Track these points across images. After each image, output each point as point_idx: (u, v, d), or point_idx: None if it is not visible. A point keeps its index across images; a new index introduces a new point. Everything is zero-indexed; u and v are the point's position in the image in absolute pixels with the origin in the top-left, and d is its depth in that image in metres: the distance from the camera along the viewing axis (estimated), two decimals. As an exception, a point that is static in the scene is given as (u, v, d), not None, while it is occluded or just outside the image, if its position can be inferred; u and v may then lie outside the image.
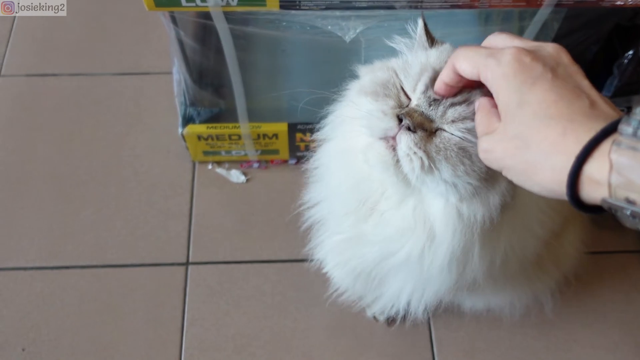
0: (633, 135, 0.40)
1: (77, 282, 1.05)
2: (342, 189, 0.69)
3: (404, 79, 0.58)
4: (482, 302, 0.93)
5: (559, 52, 0.48)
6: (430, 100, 0.55)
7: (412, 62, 0.60)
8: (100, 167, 1.17)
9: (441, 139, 0.55)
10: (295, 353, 0.99)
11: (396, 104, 0.57)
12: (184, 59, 0.93)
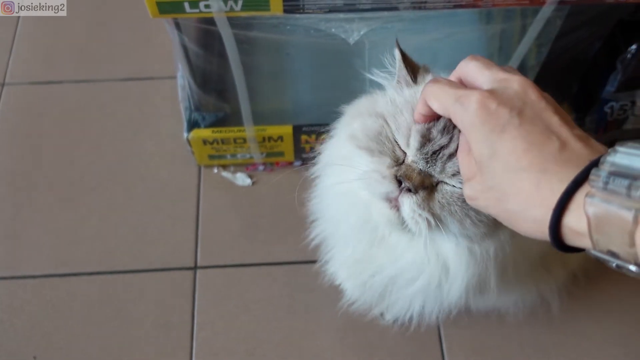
0: (604, 189, 0.38)
1: (86, 289, 1.05)
2: (348, 226, 0.69)
3: (396, 132, 0.57)
4: (490, 302, 0.94)
5: (526, 88, 0.46)
6: (427, 156, 0.54)
7: (399, 106, 0.58)
8: (107, 173, 1.17)
9: (443, 194, 0.55)
10: (307, 355, 1.00)
11: (392, 161, 0.57)
12: (188, 64, 0.93)
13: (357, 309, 0.87)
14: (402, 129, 0.56)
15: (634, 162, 0.38)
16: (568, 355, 1.00)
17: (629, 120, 1.05)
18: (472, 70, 0.50)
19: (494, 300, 0.91)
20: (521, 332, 1.02)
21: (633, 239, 0.37)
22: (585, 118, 1.06)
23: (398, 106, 0.58)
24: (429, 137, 0.54)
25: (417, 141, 0.54)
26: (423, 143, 0.54)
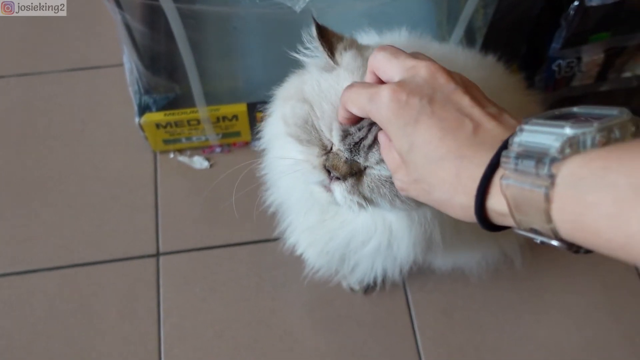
0: (515, 170, 0.39)
1: (46, 284, 1.02)
2: (297, 198, 0.71)
3: (321, 120, 0.57)
4: (450, 260, 0.95)
5: (434, 73, 0.46)
6: (350, 147, 0.55)
7: (324, 92, 0.57)
8: (58, 166, 1.13)
9: (371, 178, 0.56)
10: (276, 332, 0.99)
11: (321, 150, 0.58)
12: (134, 44, 0.91)
13: (322, 277, 0.87)
14: (325, 119, 0.56)
15: (537, 139, 0.39)
16: (532, 309, 1.03)
17: (576, 77, 1.08)
18: (381, 62, 0.50)
19: (455, 258, 0.93)
20: (486, 291, 1.04)
21: (549, 215, 0.37)
22: (535, 77, 1.08)
23: (322, 92, 0.58)
24: (348, 131, 0.55)
25: (339, 134, 0.55)
26: (344, 136, 0.55)
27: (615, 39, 1.00)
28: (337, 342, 0.99)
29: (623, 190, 0.33)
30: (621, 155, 0.35)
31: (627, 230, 0.33)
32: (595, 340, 1.00)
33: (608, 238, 0.34)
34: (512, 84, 0.87)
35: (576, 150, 0.37)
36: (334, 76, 0.58)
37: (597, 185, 0.35)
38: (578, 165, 0.36)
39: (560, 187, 0.36)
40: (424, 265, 0.94)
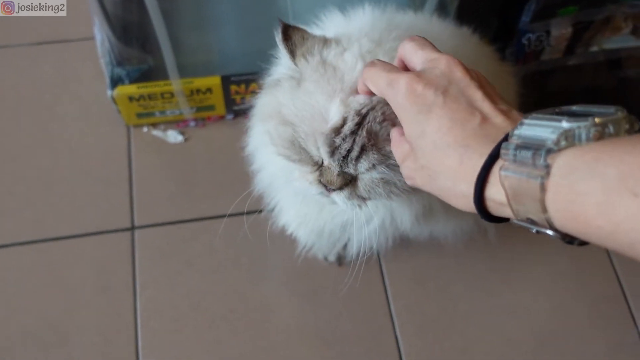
0: (514, 161, 0.41)
1: (20, 259, 1.02)
2: (290, 191, 0.72)
3: (306, 141, 0.58)
4: (427, 229, 0.97)
5: (452, 67, 0.48)
6: (339, 160, 0.57)
7: (301, 112, 0.57)
8: (29, 141, 1.12)
9: (365, 183, 0.59)
10: (252, 303, 1.00)
11: (312, 167, 0.60)
12: (105, 15, 0.90)
13: (311, 254, 0.89)
14: (310, 139, 0.57)
15: (536, 132, 0.41)
16: (502, 278, 1.05)
17: (546, 51, 1.10)
18: (408, 52, 0.52)
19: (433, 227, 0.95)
20: (459, 261, 1.06)
21: (544, 205, 0.39)
22: (506, 50, 1.10)
23: (299, 112, 0.58)
24: (334, 145, 0.56)
25: (327, 151, 0.57)
26: (331, 152, 0.56)
27: (583, 12, 1.02)
28: (313, 312, 1.01)
29: (611, 180, 0.35)
30: (613, 149, 0.37)
31: (615, 218, 0.35)
32: (562, 306, 1.04)
33: (597, 226, 0.36)
34: (486, 53, 0.89)
35: (571, 142, 0.39)
36: (303, 92, 0.58)
37: (588, 176, 0.36)
38: (572, 156, 0.38)
39: (555, 177, 0.38)
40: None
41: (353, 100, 0.55)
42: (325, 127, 0.55)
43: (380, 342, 0.99)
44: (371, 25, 0.65)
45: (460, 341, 1.00)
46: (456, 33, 0.84)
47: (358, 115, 0.54)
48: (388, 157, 0.56)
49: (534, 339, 1.01)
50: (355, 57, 0.57)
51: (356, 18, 0.71)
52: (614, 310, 1.04)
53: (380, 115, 0.55)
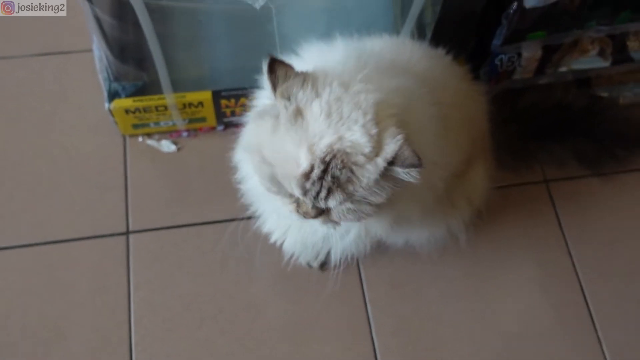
0: None
1: (20, 261, 1.08)
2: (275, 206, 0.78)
3: (283, 180, 0.66)
4: (403, 236, 1.04)
5: None
6: (311, 199, 0.65)
7: (279, 156, 0.65)
8: (30, 148, 1.18)
9: (336, 212, 0.68)
10: (240, 304, 1.07)
11: (290, 199, 0.69)
12: (103, 35, 0.96)
13: (293, 262, 0.98)
14: (285, 179, 0.66)
15: None
16: (472, 283, 1.13)
17: (517, 71, 1.17)
18: None
19: (408, 235, 1.02)
20: (433, 267, 1.13)
21: None
22: (480, 70, 1.17)
23: (276, 155, 0.66)
24: (305, 188, 0.64)
25: (299, 192, 0.65)
26: (304, 192, 0.65)
27: (551, 37, 1.09)
28: (296, 312, 1.08)
29: None
30: None
31: None
32: (528, 309, 1.11)
33: None
34: (458, 74, 0.96)
35: None
36: (278, 137, 0.65)
37: None
38: None
39: None
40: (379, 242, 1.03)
41: (317, 148, 0.62)
42: (297, 171, 0.63)
43: (358, 341, 1.06)
44: (344, 61, 0.72)
45: (431, 342, 1.07)
46: (428, 55, 0.91)
47: (322, 162, 0.62)
48: (352, 195, 0.65)
49: (500, 340, 1.08)
50: (321, 107, 0.64)
51: (332, 50, 0.78)
52: (576, 314, 1.12)
53: (340, 163, 0.62)
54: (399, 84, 0.70)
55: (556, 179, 1.24)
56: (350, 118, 0.63)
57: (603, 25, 1.09)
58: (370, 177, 0.64)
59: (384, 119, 0.64)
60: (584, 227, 1.20)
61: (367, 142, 0.63)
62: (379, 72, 0.70)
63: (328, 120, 0.63)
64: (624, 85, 1.29)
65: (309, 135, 0.63)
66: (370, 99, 0.64)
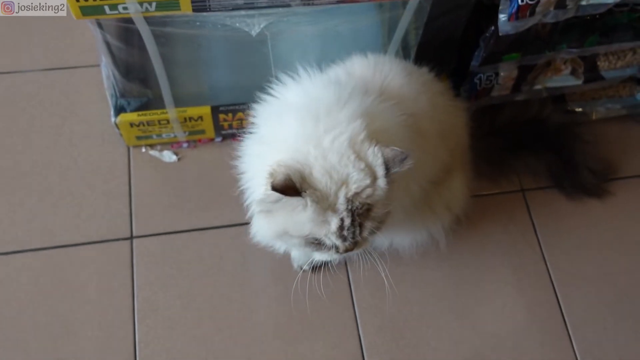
0: None
1: (31, 264, 1.16)
2: None
3: (321, 240, 0.77)
4: (388, 240, 1.13)
5: None
6: (351, 239, 0.76)
7: (308, 225, 0.75)
8: (40, 158, 1.26)
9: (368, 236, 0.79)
10: (235, 303, 1.16)
11: (329, 249, 0.79)
12: (111, 56, 1.04)
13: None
14: (323, 239, 0.77)
15: None
16: (451, 284, 1.21)
17: (495, 88, 1.26)
18: None
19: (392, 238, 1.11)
20: (415, 270, 1.22)
21: None
22: (461, 88, 1.25)
23: (305, 227, 0.76)
24: (344, 236, 0.76)
25: (340, 242, 0.77)
26: (344, 240, 0.76)
27: (525, 58, 1.18)
28: (288, 312, 1.16)
29: None
30: None
31: None
32: (504, 310, 1.20)
33: None
34: (437, 89, 1.03)
35: None
36: (307, 213, 0.74)
37: None
38: None
39: None
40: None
41: (338, 206, 0.73)
42: (330, 229, 0.75)
43: (346, 338, 1.15)
44: (327, 100, 0.80)
45: (413, 339, 1.16)
46: (407, 71, 0.97)
47: (348, 212, 0.74)
48: (375, 217, 0.76)
49: (478, 338, 1.17)
50: (321, 174, 0.73)
51: (310, 86, 0.85)
52: (549, 315, 1.20)
53: (358, 204, 0.74)
54: (353, 109, 0.78)
55: (532, 188, 1.33)
56: (342, 166, 0.74)
57: (573, 48, 1.17)
58: (382, 196, 0.75)
59: (360, 148, 0.75)
60: (557, 233, 1.28)
61: (365, 176, 0.74)
62: (334, 106, 0.78)
63: (331, 180, 0.73)
64: (597, 101, 1.38)
65: (329, 200, 0.73)
66: (343, 142, 0.74)
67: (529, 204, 1.31)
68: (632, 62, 1.28)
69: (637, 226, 1.31)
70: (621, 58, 1.27)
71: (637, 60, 1.28)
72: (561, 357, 1.17)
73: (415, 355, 1.14)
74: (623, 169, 1.37)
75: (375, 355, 1.13)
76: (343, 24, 1.08)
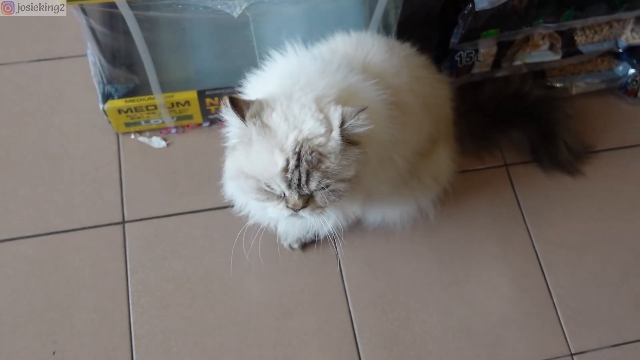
0: None
1: (26, 250, 1.18)
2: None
3: (267, 184, 0.79)
4: (379, 215, 1.16)
5: None
6: (296, 188, 0.78)
7: (258, 164, 0.78)
8: (31, 148, 1.28)
9: (320, 196, 0.81)
10: (227, 283, 1.18)
11: (278, 200, 0.81)
12: (97, 43, 1.06)
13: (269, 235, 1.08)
14: (270, 181, 0.79)
15: None
16: (438, 258, 1.24)
17: (476, 66, 1.28)
18: None
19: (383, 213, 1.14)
20: (403, 245, 1.25)
21: None
22: (442, 65, 1.28)
23: (255, 166, 0.79)
24: (288, 179, 0.77)
25: (284, 185, 0.78)
26: (288, 185, 0.78)
27: (504, 34, 1.21)
28: (279, 290, 1.19)
29: None
30: None
31: None
32: (490, 280, 1.23)
33: None
34: (418, 63, 1.06)
35: None
36: (254, 151, 0.79)
37: None
38: None
39: None
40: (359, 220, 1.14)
41: (286, 145, 0.76)
42: (276, 169, 0.76)
43: (336, 314, 1.18)
44: (311, 70, 0.84)
45: (403, 312, 1.19)
46: (387, 47, 1.00)
47: (294, 154, 0.76)
48: (327, 172, 0.78)
49: (465, 308, 1.20)
50: (279, 116, 0.77)
51: (296, 58, 0.89)
52: (534, 284, 1.24)
53: (307, 149, 0.76)
54: (334, 81, 0.83)
55: (515, 162, 1.36)
56: (301, 115, 0.77)
57: (550, 23, 1.20)
58: (335, 149, 0.77)
59: (325, 106, 0.79)
60: (540, 205, 1.31)
61: (320, 125, 0.77)
62: (316, 75, 0.83)
63: (286, 123, 0.77)
64: (576, 76, 1.41)
65: (278, 139, 0.76)
66: (310, 97, 0.79)
67: (512, 178, 1.34)
68: (608, 36, 1.31)
69: (617, 196, 1.34)
70: (598, 32, 1.30)
71: (614, 34, 1.31)
72: (546, 324, 1.20)
73: (404, 327, 1.17)
74: (603, 141, 1.40)
75: (365, 329, 1.16)
76: (324, 3, 1.10)
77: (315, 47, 0.98)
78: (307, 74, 0.82)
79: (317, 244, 1.22)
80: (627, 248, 1.29)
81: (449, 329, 1.18)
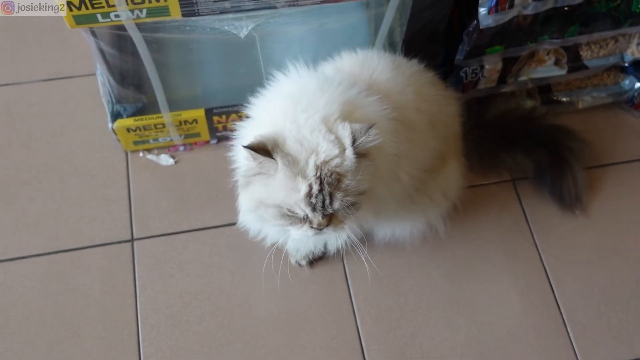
0: None
1: (36, 268, 1.19)
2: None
3: (292, 209, 0.81)
4: (389, 231, 1.16)
5: None
6: (321, 210, 0.80)
7: (281, 193, 0.80)
8: (41, 166, 1.30)
9: (341, 212, 0.83)
10: (235, 300, 1.19)
11: (302, 223, 0.83)
12: (106, 64, 1.08)
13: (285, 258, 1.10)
14: (294, 207, 0.81)
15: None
16: (446, 273, 1.24)
17: (481, 81, 1.29)
18: None
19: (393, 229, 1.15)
20: (410, 260, 1.25)
21: None
22: (447, 80, 1.29)
23: (275, 195, 0.81)
24: (313, 203, 0.79)
25: (309, 209, 0.80)
26: (312, 208, 0.80)
27: (509, 50, 1.21)
28: (287, 306, 1.19)
29: None
30: None
31: None
32: (499, 296, 1.23)
33: None
34: (429, 80, 1.06)
35: None
36: (277, 180, 0.80)
37: None
38: None
39: None
40: (369, 234, 1.14)
41: (308, 172, 0.78)
42: (299, 196, 0.78)
43: (344, 330, 1.17)
44: (310, 88, 0.85)
45: (410, 328, 1.18)
46: (394, 64, 1.00)
47: (317, 179, 0.77)
48: (346, 189, 0.80)
49: (473, 325, 1.19)
50: (294, 142, 0.79)
51: (298, 78, 0.90)
52: (543, 300, 1.23)
53: (327, 171, 0.78)
54: (333, 96, 0.84)
55: (522, 177, 1.36)
56: (313, 137, 0.79)
57: (555, 39, 1.20)
58: (351, 167, 0.79)
59: (332, 125, 0.80)
60: (548, 219, 1.31)
61: (333, 147, 0.79)
62: (316, 93, 0.84)
63: (303, 148, 0.78)
64: (582, 90, 1.41)
65: (300, 165, 0.78)
66: (317, 118, 0.80)
67: (519, 193, 1.34)
68: (614, 51, 1.31)
69: (626, 211, 1.34)
70: (603, 47, 1.30)
71: (620, 48, 1.31)
72: (556, 340, 1.19)
73: (412, 344, 1.17)
74: (610, 155, 1.40)
75: (374, 345, 1.16)
76: (330, 22, 1.11)
77: (321, 67, 0.99)
78: (307, 94, 0.84)
79: (324, 260, 1.22)
80: (637, 263, 1.28)
81: (457, 345, 1.17)
